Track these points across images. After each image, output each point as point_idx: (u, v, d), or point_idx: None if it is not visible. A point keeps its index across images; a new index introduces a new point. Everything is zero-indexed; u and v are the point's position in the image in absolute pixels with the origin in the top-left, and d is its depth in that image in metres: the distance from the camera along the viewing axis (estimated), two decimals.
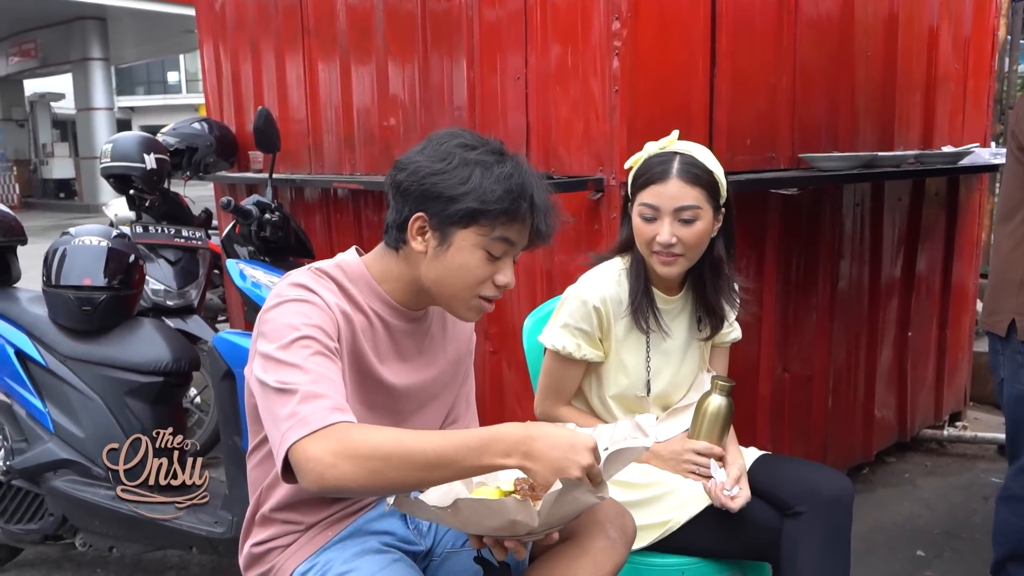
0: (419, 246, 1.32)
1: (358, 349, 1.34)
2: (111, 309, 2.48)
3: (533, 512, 1.16)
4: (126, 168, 3.43)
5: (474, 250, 1.29)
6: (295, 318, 1.24)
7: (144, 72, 32.97)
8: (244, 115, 4.14)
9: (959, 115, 3.43)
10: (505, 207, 1.27)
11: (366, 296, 1.37)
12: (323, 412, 1.13)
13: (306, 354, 1.20)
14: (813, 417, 2.96)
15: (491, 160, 1.29)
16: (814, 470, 1.72)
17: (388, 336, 1.39)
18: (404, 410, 1.44)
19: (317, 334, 1.23)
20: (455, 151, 1.29)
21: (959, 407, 3.79)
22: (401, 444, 1.11)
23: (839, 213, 2.93)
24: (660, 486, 1.73)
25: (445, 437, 1.14)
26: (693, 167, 1.66)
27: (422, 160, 1.30)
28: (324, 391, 1.16)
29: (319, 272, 1.34)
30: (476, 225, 1.28)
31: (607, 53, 2.17)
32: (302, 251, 2.65)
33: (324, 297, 1.28)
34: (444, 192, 1.27)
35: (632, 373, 1.80)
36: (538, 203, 1.31)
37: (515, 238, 1.31)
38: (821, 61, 2.73)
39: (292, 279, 1.31)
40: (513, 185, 1.28)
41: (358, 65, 3.30)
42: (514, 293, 2.66)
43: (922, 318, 3.42)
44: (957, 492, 3.20)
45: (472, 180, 1.26)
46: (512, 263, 1.35)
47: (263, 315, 1.28)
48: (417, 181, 1.29)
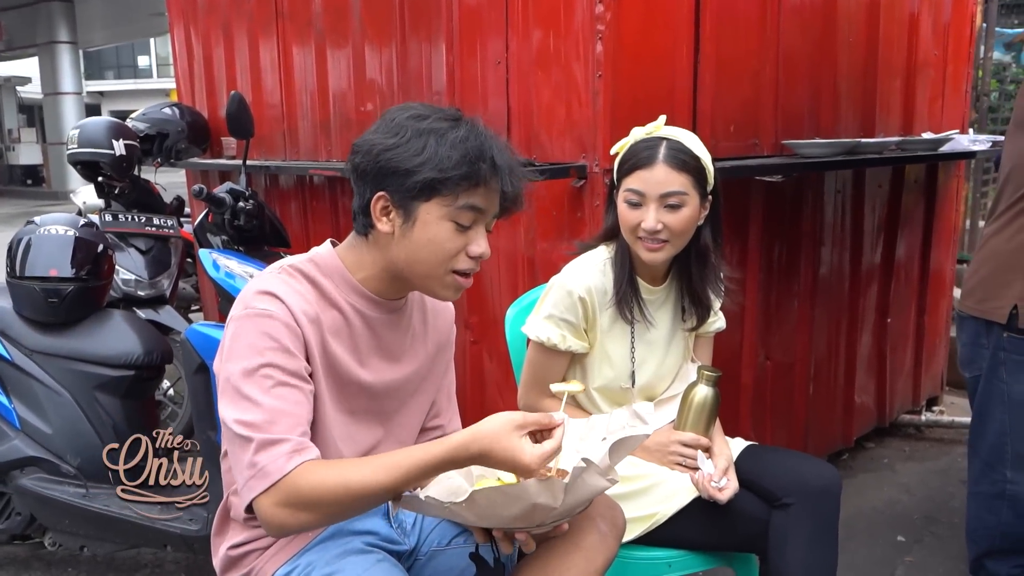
0: (385, 227, 1.28)
1: (331, 356, 1.29)
2: (79, 301, 2.40)
3: (557, 492, 1.13)
4: (94, 154, 3.33)
5: (441, 222, 1.25)
6: (258, 340, 1.20)
7: (114, 56, 32.34)
8: (216, 100, 4.04)
9: (938, 101, 3.43)
10: (464, 172, 1.23)
11: (342, 290, 1.32)
12: (281, 460, 1.14)
13: (268, 385, 1.18)
14: (795, 404, 2.96)
15: (444, 127, 1.24)
16: (802, 461, 1.70)
17: (367, 330, 1.35)
18: (387, 410, 1.40)
19: (279, 359, 1.20)
20: (406, 123, 1.25)
21: (936, 392, 3.82)
22: (357, 484, 1.13)
23: (821, 200, 2.92)
24: (647, 478, 1.70)
25: (399, 466, 1.14)
26: (680, 152, 1.62)
27: (375, 138, 1.26)
28: (281, 433, 1.16)
29: (291, 271, 1.30)
30: (438, 196, 1.23)
31: (590, 37, 2.12)
32: (277, 240, 2.59)
33: (292, 306, 1.23)
34: (400, 166, 1.23)
35: (617, 364, 1.77)
36: (500, 164, 1.26)
37: (482, 204, 1.26)
38: (804, 47, 2.70)
39: (260, 285, 1.26)
40: (469, 148, 1.23)
41: (334, 49, 3.22)
42: (495, 282, 2.62)
43: (901, 304, 3.43)
44: (935, 476, 3.22)
45: (427, 150, 1.22)
46: (485, 232, 1.30)
47: (230, 321, 1.24)
48: (372, 160, 1.25)
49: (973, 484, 2.23)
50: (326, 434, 1.30)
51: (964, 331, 2.15)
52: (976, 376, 2.13)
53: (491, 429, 1.15)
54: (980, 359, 2.11)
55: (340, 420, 1.32)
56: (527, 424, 1.17)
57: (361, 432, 1.36)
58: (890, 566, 2.56)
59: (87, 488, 2.35)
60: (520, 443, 1.14)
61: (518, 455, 1.13)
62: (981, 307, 2.05)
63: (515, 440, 1.14)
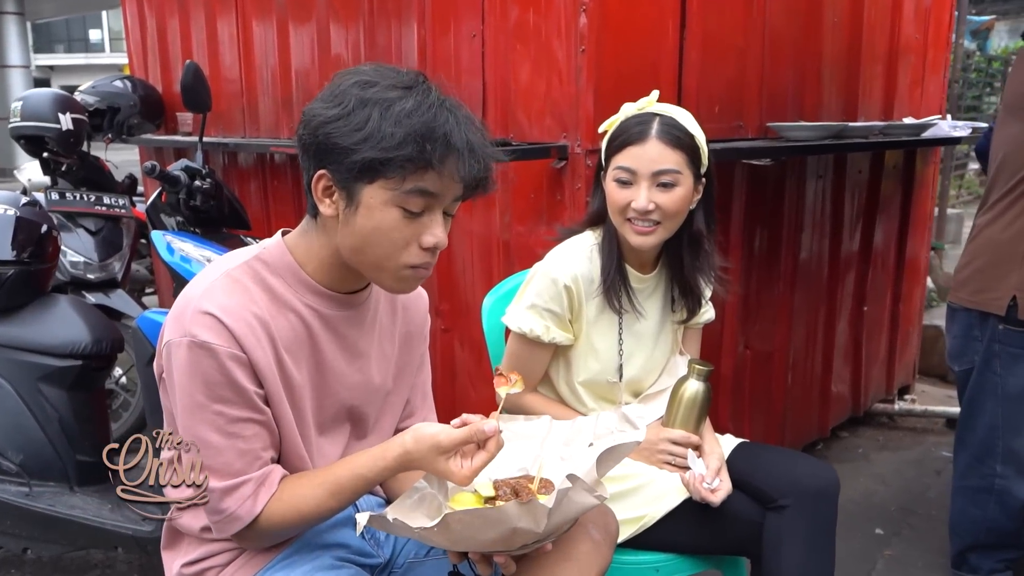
0: (328, 209, 1.12)
1: (288, 374, 1.17)
2: (20, 286, 2.23)
3: (540, 516, 1.03)
4: (38, 128, 3.11)
5: (386, 208, 1.09)
6: (202, 377, 1.08)
7: (64, 29, 31.25)
8: (171, 74, 3.84)
9: (918, 87, 3.38)
10: (408, 153, 1.05)
11: (296, 290, 1.18)
12: (248, 503, 1.12)
13: (219, 424, 1.10)
14: (773, 394, 2.90)
15: (392, 97, 1.06)
16: (797, 460, 1.62)
17: (328, 331, 1.21)
18: (358, 415, 1.28)
19: (228, 395, 1.10)
20: (350, 91, 1.08)
21: (908, 380, 3.80)
22: (312, 512, 1.15)
23: (803, 185, 2.84)
24: (634, 479, 1.61)
25: (344, 489, 1.15)
26: (674, 129, 1.52)
27: (317, 107, 1.10)
28: (242, 474, 1.12)
29: (238, 274, 1.15)
30: (382, 178, 1.07)
31: (574, 9, 2.00)
32: (236, 221, 2.43)
33: (236, 331, 1.09)
34: (339, 142, 1.06)
35: (603, 357, 1.67)
36: (455, 143, 1.07)
37: (434, 188, 1.09)
38: (789, 27, 2.61)
39: (201, 301, 1.10)
40: (417, 125, 1.05)
41: (297, 21, 3.05)
42: (468, 268, 2.50)
43: (877, 292, 3.39)
44: (910, 467, 3.20)
45: (369, 124, 1.05)
46: (441, 219, 1.12)
47: (168, 344, 1.11)
48: (312, 133, 1.09)
49: (959, 478, 2.18)
50: (294, 454, 1.20)
51: (955, 323, 2.09)
52: (967, 369, 2.08)
53: (418, 455, 1.12)
54: (972, 352, 2.05)
55: (307, 436, 1.21)
56: (454, 446, 1.10)
57: (332, 444, 1.25)
58: (870, 560, 2.52)
59: (31, 487, 2.19)
60: (448, 467, 1.11)
61: (446, 477, 1.12)
62: (976, 298, 1.99)
63: (441, 465, 1.11)
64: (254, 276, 1.16)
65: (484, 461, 1.10)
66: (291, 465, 1.19)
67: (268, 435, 1.15)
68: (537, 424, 1.54)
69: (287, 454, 1.19)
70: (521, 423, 1.45)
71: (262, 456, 1.14)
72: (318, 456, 1.22)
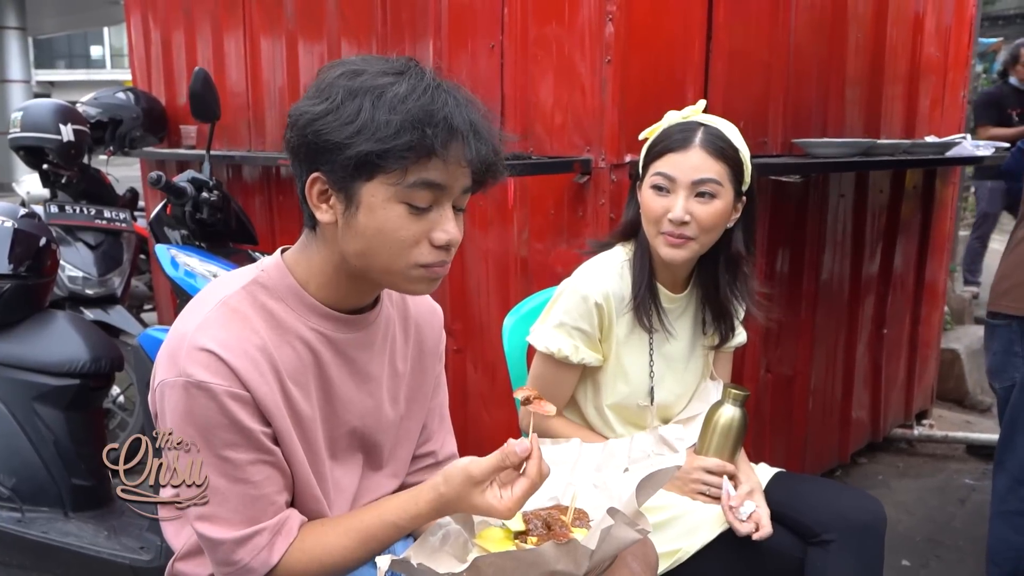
0: (326, 216, 1.02)
1: (296, 407, 1.07)
2: (17, 300, 2.14)
3: (580, 557, 0.93)
4: (38, 139, 3.04)
5: (389, 205, 0.99)
6: (202, 421, 0.99)
7: (65, 45, 31.33)
8: (175, 87, 3.77)
9: (939, 106, 3.32)
10: (408, 141, 0.95)
11: (299, 313, 1.08)
12: (263, 554, 1.03)
13: (225, 471, 1.00)
14: (795, 419, 2.81)
15: (383, 83, 0.97)
16: (841, 492, 1.53)
17: (337, 357, 1.11)
18: (373, 443, 1.19)
19: (232, 438, 1.00)
20: (337, 83, 0.98)
21: (926, 405, 3.71)
22: (335, 562, 1.07)
23: (825, 205, 2.77)
24: (667, 510, 1.51)
25: (373, 538, 1.07)
26: (719, 139, 1.45)
27: (304, 104, 1.00)
28: (255, 524, 1.03)
29: (236, 303, 1.04)
30: (381, 173, 0.97)
31: (599, 18, 1.93)
32: (243, 236, 2.34)
33: (237, 367, 0.99)
34: (330, 139, 0.97)
35: (633, 379, 1.58)
36: (457, 124, 0.97)
37: (441, 179, 0.99)
38: (814, 45, 2.55)
39: (198, 335, 1.00)
40: (413, 109, 0.95)
41: (306, 36, 2.99)
42: (483, 285, 2.41)
43: (897, 314, 3.31)
44: (932, 495, 3.10)
45: (361, 115, 0.95)
46: (451, 213, 1.02)
47: (162, 384, 1.01)
48: (300, 133, 1.00)
49: (999, 503, 2.08)
50: (308, 494, 1.11)
51: (995, 339, 2.02)
52: (1007, 387, 2.00)
53: (451, 495, 1.03)
54: (1012, 368, 1.97)
55: (321, 473, 1.12)
56: (487, 475, 1.01)
57: (347, 476, 1.16)
58: None
59: (23, 512, 2.09)
60: (486, 500, 1.01)
61: (487, 512, 1.02)
62: (1020, 305, 1.92)
63: (478, 500, 1.01)
64: (253, 302, 1.06)
65: (526, 489, 1.00)
66: (305, 506, 1.11)
67: (280, 477, 1.06)
68: (566, 448, 1.45)
69: (300, 494, 1.10)
70: (548, 447, 1.36)
71: (276, 501, 1.05)
72: (334, 492, 1.14)
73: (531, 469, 1.01)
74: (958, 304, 4.63)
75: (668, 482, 1.53)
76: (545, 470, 1.02)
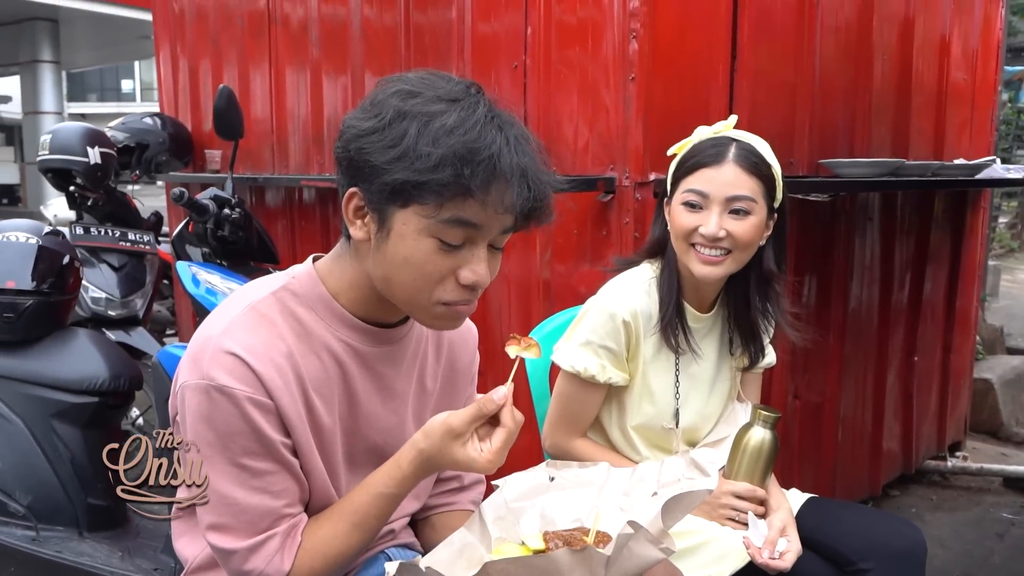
0: (359, 232, 1.00)
1: (318, 419, 1.05)
2: (39, 317, 2.13)
3: (596, 567, 0.89)
4: (66, 162, 3.07)
5: (420, 238, 0.95)
6: (222, 426, 0.97)
7: (97, 79, 32.10)
8: (201, 113, 3.81)
9: (966, 130, 3.27)
10: (444, 178, 0.91)
11: (328, 323, 1.05)
12: (276, 560, 1.01)
13: (242, 479, 0.98)
14: (824, 448, 2.73)
15: (434, 111, 0.92)
16: (878, 518, 1.47)
17: (363, 369, 1.08)
18: None
19: (251, 446, 0.98)
20: (388, 102, 0.95)
21: (959, 437, 3.61)
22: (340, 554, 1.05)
23: (853, 229, 2.72)
24: (694, 535, 1.45)
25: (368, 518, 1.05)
26: (752, 155, 1.41)
27: (353, 118, 0.98)
28: (267, 530, 1.01)
29: (264, 309, 1.02)
30: (416, 203, 0.93)
31: (623, 36, 1.92)
32: (265, 255, 2.33)
33: (261, 372, 0.97)
34: (371, 159, 0.94)
35: (659, 400, 1.53)
36: (503, 167, 0.92)
37: (477, 219, 0.94)
38: (840, 66, 2.52)
39: (223, 339, 0.98)
40: (456, 145, 0.91)
41: (330, 66, 3.01)
42: (504, 308, 2.38)
43: (927, 342, 3.23)
44: (969, 529, 2.99)
45: (405, 141, 0.92)
46: (484, 253, 0.98)
47: (184, 386, 0.99)
48: (344, 145, 0.98)
49: None
50: (325, 506, 1.09)
51: None
52: None
53: (432, 450, 1.00)
54: None
55: (341, 488, 1.10)
56: (466, 426, 0.98)
57: None
58: None
59: (37, 531, 2.07)
60: (466, 453, 0.99)
61: (469, 466, 0.99)
62: None
63: (459, 453, 0.99)
64: (282, 308, 1.04)
65: (504, 438, 0.98)
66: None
67: (298, 489, 1.04)
68: (594, 471, 1.40)
69: (316, 509, 1.08)
70: (575, 470, 1.31)
71: (290, 513, 1.04)
72: None
73: (505, 417, 0.99)
74: (989, 334, 4.53)
75: (697, 507, 1.49)
76: (519, 417, 1.00)
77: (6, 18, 16.13)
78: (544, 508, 1.19)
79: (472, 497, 1.30)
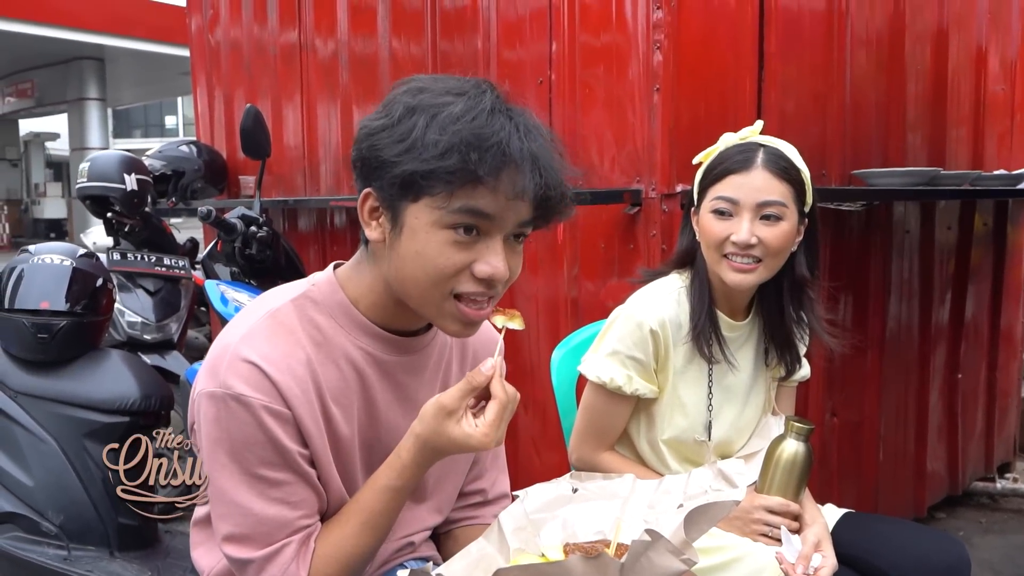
0: (374, 233, 0.99)
1: (336, 429, 1.04)
2: (72, 338, 2.15)
3: (611, 572, 0.86)
4: (104, 188, 3.13)
5: (431, 230, 0.94)
6: (239, 436, 0.96)
7: (142, 115, 33.04)
8: (235, 141, 3.87)
9: (1006, 141, 3.19)
10: (452, 164, 0.90)
11: (348, 330, 1.04)
12: (292, 568, 0.99)
13: (259, 490, 0.98)
14: (864, 467, 2.65)
15: (441, 103, 0.92)
16: (919, 533, 1.41)
17: (383, 378, 1.07)
18: (421, 484, 1.13)
19: (268, 456, 0.97)
20: (399, 99, 0.95)
21: (1008, 457, 3.47)
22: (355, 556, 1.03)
23: (889, 241, 2.65)
24: (725, 551, 1.41)
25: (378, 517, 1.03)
26: (781, 159, 1.39)
27: (367, 119, 0.99)
28: (282, 539, 0.99)
29: (283, 317, 1.02)
30: (426, 195, 0.93)
31: (648, 47, 1.91)
32: (293, 274, 2.35)
33: (279, 382, 0.97)
34: (382, 155, 0.94)
35: (691, 412, 1.50)
36: (512, 152, 0.91)
37: (490, 208, 0.93)
38: (873, 76, 2.48)
39: (241, 347, 0.98)
40: (463, 131, 0.90)
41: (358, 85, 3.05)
42: (532, 325, 2.36)
43: (971, 360, 3.13)
44: (1020, 552, 2.87)
45: (413, 134, 0.92)
46: (500, 245, 0.96)
47: (201, 393, 0.99)
48: (358, 146, 0.98)
49: None
50: None
51: None
52: None
53: (431, 433, 0.98)
54: None
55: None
56: (457, 402, 0.97)
57: None
58: None
59: (69, 550, 2.08)
60: (462, 430, 0.97)
61: (466, 443, 0.97)
62: None
63: (455, 431, 0.97)
64: (301, 316, 1.03)
65: (496, 410, 0.96)
66: None
67: (316, 499, 1.03)
68: (619, 483, 1.37)
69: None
70: (599, 481, 1.28)
71: (306, 524, 1.02)
72: None
73: (495, 388, 0.96)
74: None
75: (728, 522, 1.45)
76: (511, 390, 0.98)
77: (54, 58, 16.72)
78: (566, 520, 1.16)
79: (495, 511, 1.28)
